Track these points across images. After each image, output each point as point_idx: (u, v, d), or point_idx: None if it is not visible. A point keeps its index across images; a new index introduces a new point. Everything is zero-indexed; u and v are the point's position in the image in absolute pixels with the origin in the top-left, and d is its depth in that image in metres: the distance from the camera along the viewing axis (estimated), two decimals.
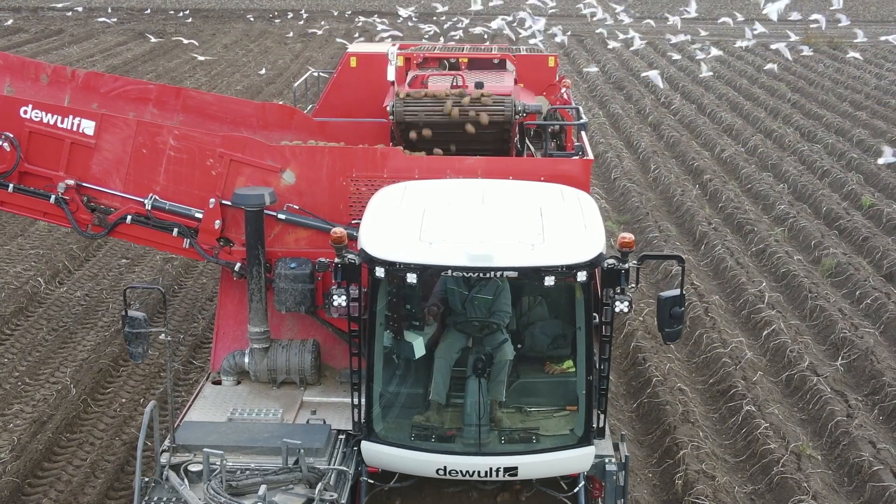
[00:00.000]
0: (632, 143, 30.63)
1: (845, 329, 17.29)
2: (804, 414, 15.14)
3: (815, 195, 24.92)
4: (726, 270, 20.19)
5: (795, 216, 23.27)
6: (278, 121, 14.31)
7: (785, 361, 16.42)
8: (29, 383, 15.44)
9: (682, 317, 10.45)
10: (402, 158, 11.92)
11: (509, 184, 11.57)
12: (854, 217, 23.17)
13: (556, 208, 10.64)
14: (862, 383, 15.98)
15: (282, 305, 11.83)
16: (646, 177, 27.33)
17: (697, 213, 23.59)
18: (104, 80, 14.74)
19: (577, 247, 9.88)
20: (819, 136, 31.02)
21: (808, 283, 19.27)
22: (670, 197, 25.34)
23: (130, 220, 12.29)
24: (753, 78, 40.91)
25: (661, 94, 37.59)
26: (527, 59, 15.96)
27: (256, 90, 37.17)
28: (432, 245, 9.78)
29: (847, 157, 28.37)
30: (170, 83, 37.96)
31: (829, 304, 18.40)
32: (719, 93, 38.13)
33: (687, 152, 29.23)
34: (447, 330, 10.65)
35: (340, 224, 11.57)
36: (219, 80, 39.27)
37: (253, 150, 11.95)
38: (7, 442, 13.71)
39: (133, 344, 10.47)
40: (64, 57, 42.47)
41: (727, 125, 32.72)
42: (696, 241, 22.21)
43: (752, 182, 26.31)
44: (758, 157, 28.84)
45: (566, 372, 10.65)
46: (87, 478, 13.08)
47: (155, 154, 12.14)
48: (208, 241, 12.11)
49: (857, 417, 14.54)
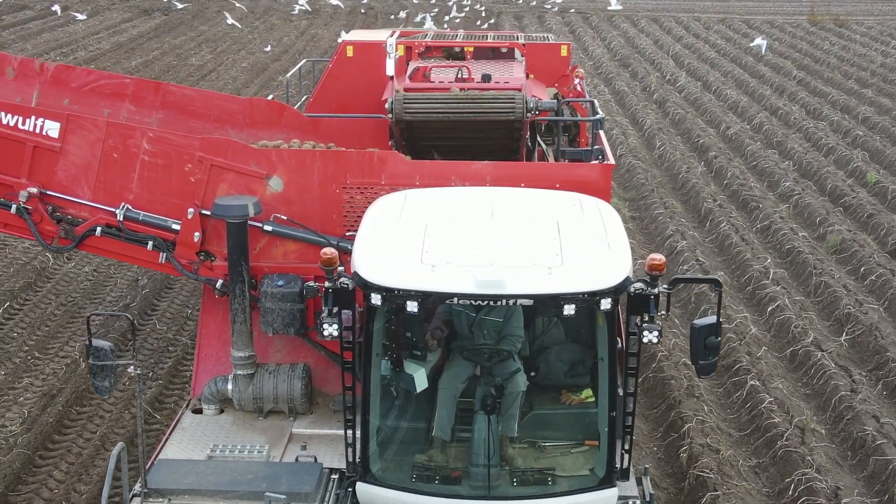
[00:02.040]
0: (637, 121, 30.64)
1: (850, 305, 17.37)
2: (808, 389, 15.23)
3: (820, 172, 24.96)
4: (731, 247, 20.26)
5: (801, 193, 23.32)
6: (267, 118, 13.11)
7: (789, 337, 16.52)
8: (38, 357, 15.57)
9: (719, 347, 9.17)
10: (401, 163, 10.81)
11: (521, 193, 10.34)
12: (859, 194, 23.21)
13: (576, 223, 9.39)
14: (866, 359, 16.07)
15: (268, 327, 10.72)
16: (651, 154, 27.36)
17: (703, 190, 23.64)
18: (76, 73, 13.40)
19: (601, 270, 8.63)
20: (825, 113, 31.03)
21: (812, 260, 19.34)
22: (676, 174, 25.38)
23: (100, 233, 11.12)
24: (759, 55, 40.85)
25: (667, 72, 37.57)
26: (537, 47, 14.78)
27: (262, 67, 37.16)
28: (436, 269, 8.50)
29: (853, 135, 28.39)
30: (176, 60, 38.07)
31: (833, 280, 18.47)
32: (725, 70, 38.09)
33: (692, 129, 29.25)
34: (452, 357, 9.41)
35: (333, 236, 10.69)
36: (224, 56, 39.25)
37: (236, 154, 10.82)
38: (18, 415, 13.85)
39: (98, 377, 9.35)
40: (70, 34, 42.47)
41: (733, 102, 32.72)
42: (701, 218, 22.26)
43: (758, 159, 26.34)
44: (763, 135, 28.85)
45: (585, 402, 9.47)
46: (97, 450, 13.22)
47: (127, 158, 10.99)
48: (187, 255, 10.98)
49: (860, 392, 14.64)
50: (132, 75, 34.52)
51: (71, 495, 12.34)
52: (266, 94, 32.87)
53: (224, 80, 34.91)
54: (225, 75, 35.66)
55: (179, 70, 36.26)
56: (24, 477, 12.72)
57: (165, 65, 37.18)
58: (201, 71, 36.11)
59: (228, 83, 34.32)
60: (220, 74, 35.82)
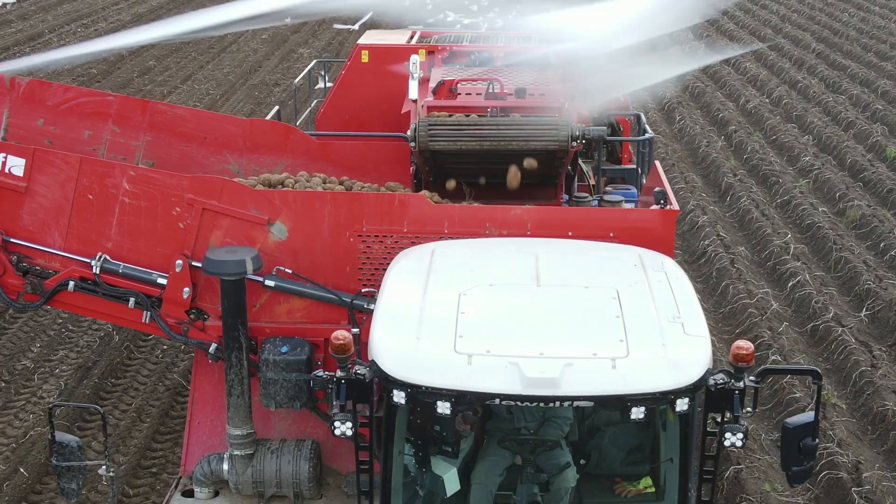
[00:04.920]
0: (657, 94, 30.69)
1: (869, 280, 17.56)
2: (829, 364, 15.46)
3: (839, 147, 25.07)
4: (752, 222, 20.44)
5: (820, 168, 23.45)
6: (270, 142, 11.46)
7: (810, 312, 16.73)
8: (72, 330, 15.89)
9: (815, 451, 7.61)
10: (426, 207, 9.19)
11: (570, 248, 8.85)
12: (879, 169, 23.32)
13: (640, 292, 7.82)
14: (886, 334, 16.28)
15: (270, 400, 9.22)
16: (671, 128, 27.51)
17: (723, 165, 23.80)
18: (52, 90, 11.69)
19: (676, 362, 7.10)
20: (844, 86, 31.06)
21: (832, 235, 19.51)
22: (696, 148, 25.53)
23: (73, 287, 9.52)
24: (778, 28, 40.79)
25: (686, 45, 37.58)
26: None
27: (282, 39, 37.34)
28: (473, 361, 6.98)
29: (872, 108, 28.45)
30: (195, 32, 38.19)
31: (853, 255, 18.66)
32: (743, 43, 38.09)
33: (712, 103, 29.36)
34: (488, 443, 7.90)
35: (347, 292, 9.16)
36: (244, 28, 39.39)
37: (232, 197, 9.23)
38: (55, 387, 14.21)
39: (64, 478, 8.27)
40: (90, 5, 42.63)
41: (752, 75, 32.77)
42: (721, 193, 22.44)
43: (777, 133, 26.46)
44: (783, 108, 28.94)
45: (644, 494, 7.96)
46: (133, 422, 13.56)
47: (104, 201, 9.41)
48: (175, 313, 9.41)
49: (880, 368, 14.86)
50: (152, 46, 34.88)
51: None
52: (286, 68, 33.11)
53: (244, 52, 35.15)
54: (245, 47, 35.88)
55: (200, 42, 36.47)
56: None
57: (185, 37, 37.39)
58: (221, 43, 36.28)
59: (249, 55, 34.56)
60: (241, 46, 36.03)
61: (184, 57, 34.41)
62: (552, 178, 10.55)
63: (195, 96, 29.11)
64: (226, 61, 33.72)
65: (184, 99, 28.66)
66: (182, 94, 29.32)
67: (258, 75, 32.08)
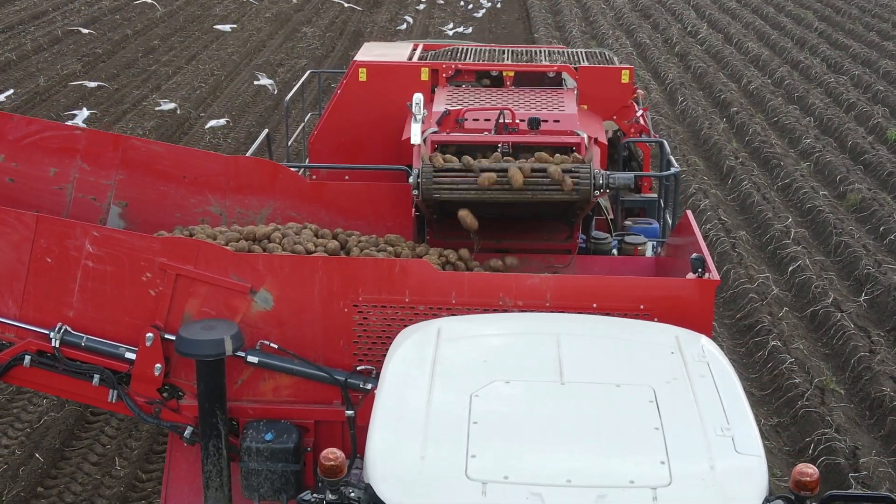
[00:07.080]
0: (659, 75, 30.89)
1: (869, 265, 17.80)
2: (828, 349, 15.71)
3: (840, 129, 25.24)
4: (753, 205, 20.66)
5: (821, 150, 23.64)
6: (256, 182, 10.39)
7: (809, 297, 16.96)
8: None
9: None
10: (431, 275, 8.11)
11: (597, 330, 7.58)
12: (879, 151, 23.52)
13: (680, 393, 6.55)
14: (884, 319, 16.52)
15: (253, 493, 8.15)
16: (673, 109, 27.67)
17: (725, 147, 23.99)
18: (14, 123, 10.54)
19: (726, 492, 5.82)
20: (846, 67, 31.19)
21: (832, 219, 19.73)
22: (698, 130, 25.71)
23: (30, 362, 8.34)
24: (780, 6, 40.88)
25: (689, 23, 37.70)
26: (592, 72, 12.06)
27: (285, 18, 37.45)
28: (488, 490, 5.78)
29: (873, 90, 28.61)
30: (199, 10, 38.32)
31: (853, 240, 18.88)
32: (746, 21, 38.20)
33: (714, 84, 29.50)
34: None
35: (340, 369, 8.15)
36: (248, 7, 39.50)
37: (209, 261, 8.13)
38: None
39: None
40: None
41: (754, 55, 32.90)
42: (723, 176, 22.65)
43: (779, 115, 26.63)
44: (784, 89, 29.10)
45: None
46: None
47: (65, 264, 8.29)
48: (146, 392, 8.29)
49: (879, 353, 15.10)
50: (156, 25, 35.03)
51: (122, 451, 12.92)
52: (290, 47, 33.23)
53: (248, 31, 35.26)
54: (249, 26, 35.99)
55: (203, 21, 36.63)
56: (77, 433, 13.29)
57: (190, 14, 37.56)
58: (224, 22, 36.36)
59: (253, 34, 34.67)
60: (245, 25, 36.14)
61: (188, 36, 34.51)
62: (570, 223, 9.84)
63: (200, 77, 29.23)
64: (229, 41, 33.83)
65: (189, 80, 28.81)
66: (187, 75, 29.43)
67: (262, 55, 32.21)
